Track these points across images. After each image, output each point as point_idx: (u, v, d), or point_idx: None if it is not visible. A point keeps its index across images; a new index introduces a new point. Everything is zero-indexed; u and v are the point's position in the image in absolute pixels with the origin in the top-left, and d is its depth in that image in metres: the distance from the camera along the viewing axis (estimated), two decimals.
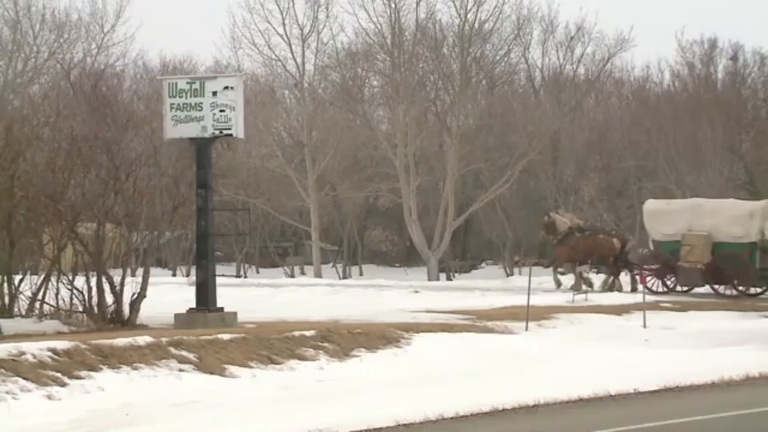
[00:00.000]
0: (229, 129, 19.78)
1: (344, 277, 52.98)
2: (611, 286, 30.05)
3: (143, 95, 46.51)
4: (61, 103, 23.54)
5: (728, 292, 28.76)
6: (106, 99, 22.28)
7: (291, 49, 49.29)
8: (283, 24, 49.01)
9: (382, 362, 16.85)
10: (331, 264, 58.97)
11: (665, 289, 29.15)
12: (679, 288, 29.25)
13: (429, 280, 44.61)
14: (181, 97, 19.83)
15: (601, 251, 30.18)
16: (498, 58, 51.34)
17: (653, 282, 29.17)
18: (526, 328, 20.86)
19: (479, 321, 21.27)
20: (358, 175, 53.07)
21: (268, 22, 49.14)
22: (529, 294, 22.12)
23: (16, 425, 12.15)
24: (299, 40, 49.20)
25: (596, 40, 54.94)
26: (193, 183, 20.48)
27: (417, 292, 30.02)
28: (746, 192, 50.41)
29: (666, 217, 29.94)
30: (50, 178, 20.38)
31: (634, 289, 28.95)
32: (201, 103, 19.72)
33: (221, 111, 19.68)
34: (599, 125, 53.84)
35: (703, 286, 28.49)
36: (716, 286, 28.83)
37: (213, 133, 19.79)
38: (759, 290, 29.05)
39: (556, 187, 51.23)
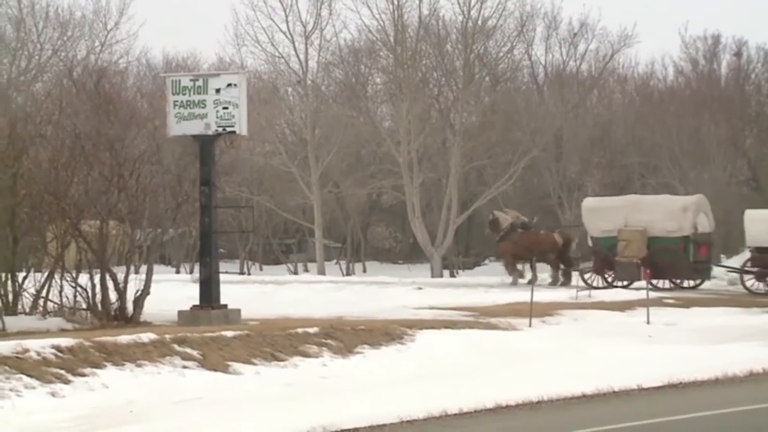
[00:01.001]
0: (233, 126, 19.79)
1: (347, 274, 53.01)
2: (558, 280, 30.86)
3: (146, 93, 46.51)
4: (64, 100, 23.51)
5: (664, 285, 29.31)
6: (109, 96, 22.25)
7: (294, 46, 49.35)
8: (287, 21, 49.06)
9: (386, 359, 16.86)
10: (334, 261, 59.02)
11: (605, 285, 29.59)
12: (617, 283, 29.66)
13: (432, 276, 44.62)
14: (184, 94, 19.84)
15: (542, 247, 30.89)
16: (501, 54, 51.32)
17: (592, 277, 29.81)
18: (530, 325, 20.86)
19: (482, 318, 21.27)
20: (362, 172, 53.08)
21: (271, 19, 49.20)
22: (532, 290, 22.12)
23: (20, 422, 12.18)
24: (302, 37, 49.23)
25: (599, 37, 54.92)
26: (196, 180, 20.49)
27: (420, 288, 30.03)
28: (749, 188, 50.43)
29: (604, 213, 30.48)
30: (53, 175, 20.39)
31: (566, 284, 30.13)
32: (204, 100, 19.73)
33: (224, 108, 19.69)
34: (603, 122, 53.82)
35: (640, 280, 28.76)
36: (653, 280, 29.05)
37: (216, 130, 19.81)
38: (694, 283, 29.63)
39: (560, 183, 51.22)
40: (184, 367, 14.97)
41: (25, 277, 20.48)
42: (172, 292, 24.69)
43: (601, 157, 52.14)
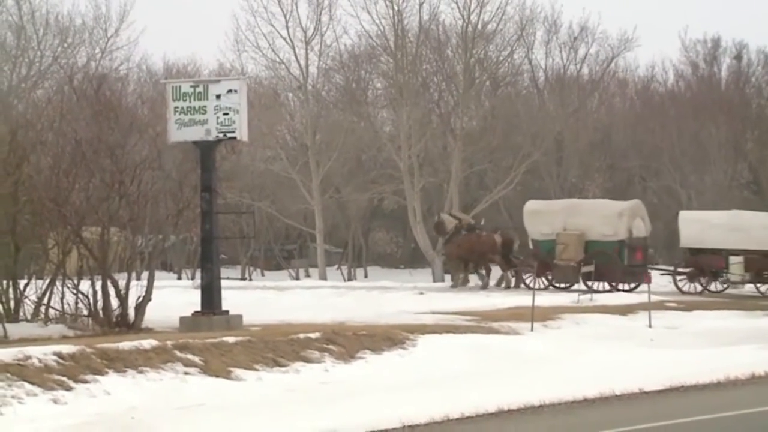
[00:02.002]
0: (233, 132, 19.81)
1: (349, 279, 52.98)
2: (500, 281, 31.59)
3: (147, 99, 46.47)
4: (64, 107, 23.51)
5: (601, 288, 29.85)
6: (109, 103, 22.25)
7: (294, 52, 49.36)
8: (287, 27, 49.07)
9: (388, 364, 16.86)
10: (335, 266, 58.98)
11: (544, 286, 30.16)
12: (556, 285, 30.39)
13: (434, 281, 44.60)
14: (184, 100, 19.87)
15: (482, 248, 31.62)
16: (501, 59, 51.30)
17: (533, 279, 30.30)
18: (532, 329, 20.85)
19: (484, 322, 21.27)
20: (362, 177, 53.07)
21: (272, 25, 49.21)
22: (534, 294, 22.12)
23: (22, 429, 12.17)
24: (302, 43, 49.24)
25: (600, 41, 54.91)
26: (197, 186, 20.50)
27: (422, 293, 30.03)
28: (750, 191, 50.41)
29: (544, 217, 31.26)
30: (54, 182, 20.41)
31: (511, 285, 30.97)
32: (205, 106, 19.75)
33: (225, 114, 19.71)
34: (603, 125, 53.81)
35: (577, 282, 29.58)
36: (589, 283, 29.98)
37: (217, 136, 19.82)
38: (630, 286, 29.84)
39: (561, 187, 51.21)
40: (186, 373, 14.96)
41: (26, 284, 20.48)
42: (173, 298, 24.71)
43: (602, 161, 52.12)
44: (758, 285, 29.23)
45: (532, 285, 29.94)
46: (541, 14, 54.30)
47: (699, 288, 29.71)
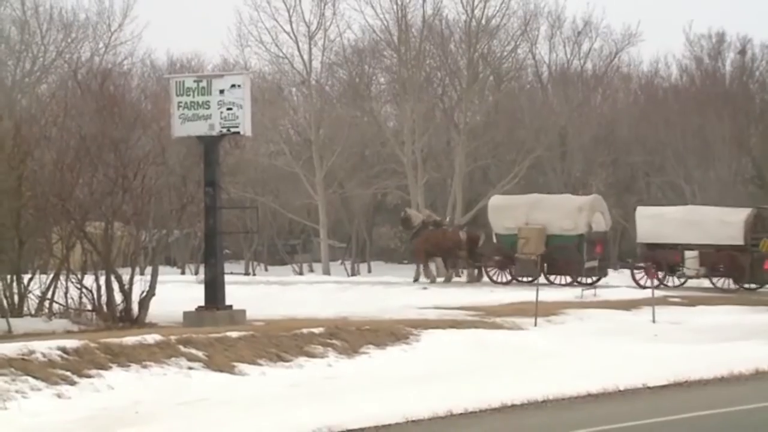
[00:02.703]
0: (237, 127, 19.81)
1: (352, 274, 52.99)
2: (465, 276, 32.22)
3: (151, 94, 46.49)
4: (68, 102, 23.56)
5: (562, 281, 30.34)
6: (113, 98, 22.26)
7: (298, 47, 49.33)
8: (290, 21, 49.06)
9: (391, 359, 16.87)
10: (339, 261, 58.99)
11: (507, 280, 30.83)
12: (518, 279, 30.86)
13: (437, 277, 44.52)
14: (188, 95, 19.87)
15: (447, 244, 32.17)
16: (505, 53, 51.26)
17: (496, 273, 31.16)
18: (535, 324, 20.85)
19: (487, 317, 21.27)
20: (366, 172, 53.06)
21: (275, 20, 49.20)
22: (537, 290, 22.11)
23: (26, 424, 12.19)
24: (306, 38, 49.23)
25: (603, 35, 54.83)
26: (201, 181, 20.51)
27: (425, 288, 30.03)
28: (754, 185, 50.35)
29: (507, 211, 31.79)
30: (58, 177, 20.43)
31: (477, 280, 31.49)
32: (208, 101, 19.76)
33: (228, 109, 19.71)
34: (607, 120, 53.74)
35: (538, 276, 29.79)
36: (551, 277, 30.69)
37: (220, 131, 19.83)
38: (590, 280, 30.22)
39: (564, 182, 51.15)
40: (190, 368, 14.98)
41: (30, 279, 20.51)
42: (177, 293, 24.71)
43: (606, 155, 52.07)
44: (713, 279, 29.52)
45: (495, 278, 31.05)
46: (544, 9, 54.28)
47: (656, 282, 29.92)
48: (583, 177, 51.83)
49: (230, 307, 20.10)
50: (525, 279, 30.53)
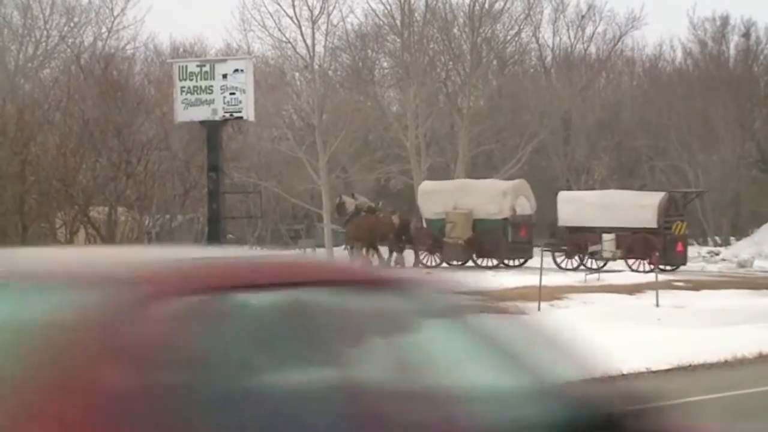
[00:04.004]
0: (240, 112, 19.82)
1: None
2: (396, 261, 32.15)
3: (154, 79, 46.52)
4: (71, 87, 23.57)
5: (489, 264, 31.39)
6: (116, 83, 22.28)
7: (301, 31, 49.22)
8: (293, 6, 48.92)
9: None
10: (343, 246, 59.00)
11: (436, 264, 31.63)
12: (448, 263, 31.60)
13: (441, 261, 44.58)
14: (191, 80, 19.87)
15: (381, 229, 32.64)
16: (509, 38, 51.14)
17: (426, 257, 31.93)
18: (539, 309, 20.85)
19: (490, 302, 21.24)
20: (369, 157, 53.02)
21: (278, 4, 49.05)
22: (541, 274, 22.11)
23: None
24: (309, 22, 49.10)
25: (607, 19, 54.67)
26: (204, 166, 20.55)
27: (429, 273, 30.08)
28: (758, 169, 50.29)
29: (436, 197, 32.63)
30: (62, 162, 20.47)
31: (416, 264, 31.75)
32: (211, 86, 19.75)
33: (231, 94, 19.71)
34: (610, 104, 53.64)
35: (466, 260, 30.90)
36: (478, 260, 31.72)
37: (223, 116, 19.83)
38: (517, 263, 31.43)
39: (568, 166, 51.12)
40: None
41: None
42: None
43: (609, 140, 51.98)
44: (628, 261, 30.04)
45: (425, 262, 31.89)
46: None
47: (575, 264, 30.75)
48: (586, 161, 51.76)
49: None
50: (454, 263, 31.37)
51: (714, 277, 28.93)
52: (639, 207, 30.13)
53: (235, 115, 19.93)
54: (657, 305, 21.95)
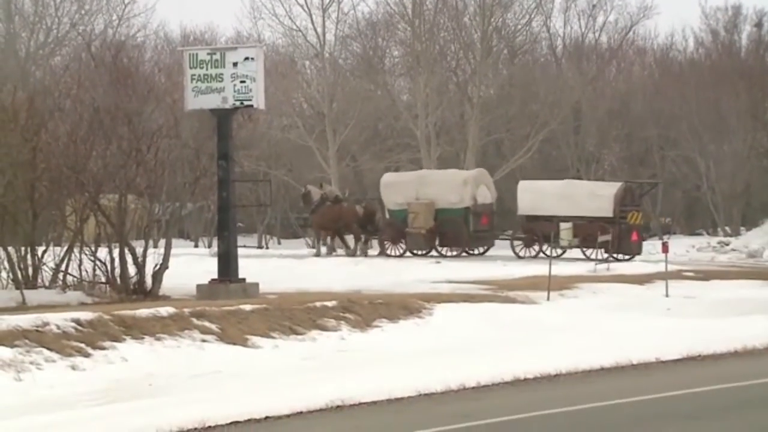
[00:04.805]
0: (250, 100, 19.78)
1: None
2: (357, 250, 32.65)
3: (164, 67, 46.46)
4: (82, 74, 23.54)
5: (451, 253, 31.59)
6: (127, 70, 22.24)
7: (312, 19, 49.14)
8: None
9: (404, 333, 16.88)
10: (352, 235, 58.89)
11: (400, 253, 31.84)
12: (411, 252, 31.98)
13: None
14: (201, 68, 19.84)
15: (345, 218, 33.09)
16: (519, 27, 50.98)
17: (389, 247, 32.27)
18: (548, 298, 20.84)
19: (501, 291, 21.26)
20: (379, 146, 52.97)
21: None
22: (550, 264, 22.09)
23: (40, 395, 12.26)
24: (320, 10, 49.04)
25: (619, 8, 54.60)
26: (214, 154, 20.52)
27: (438, 262, 30.05)
28: None
29: (398, 187, 33.18)
30: (72, 149, 20.47)
31: (381, 253, 32.15)
32: (221, 74, 19.72)
33: (242, 82, 19.67)
34: (621, 94, 53.47)
35: (429, 249, 31.41)
36: (441, 249, 32.01)
37: (233, 104, 19.80)
38: (479, 251, 32.09)
39: (578, 156, 51.02)
40: (203, 340, 15.02)
41: (44, 251, 20.58)
42: (190, 266, 24.78)
43: (620, 129, 51.82)
44: (584, 249, 30.41)
45: (389, 252, 32.20)
46: None
47: (533, 253, 31.10)
48: (596, 151, 51.65)
49: (243, 280, 20.14)
50: (417, 252, 31.85)
51: (724, 267, 28.85)
52: (596, 196, 30.76)
53: (246, 103, 19.89)
54: (666, 295, 21.92)
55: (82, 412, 11.52)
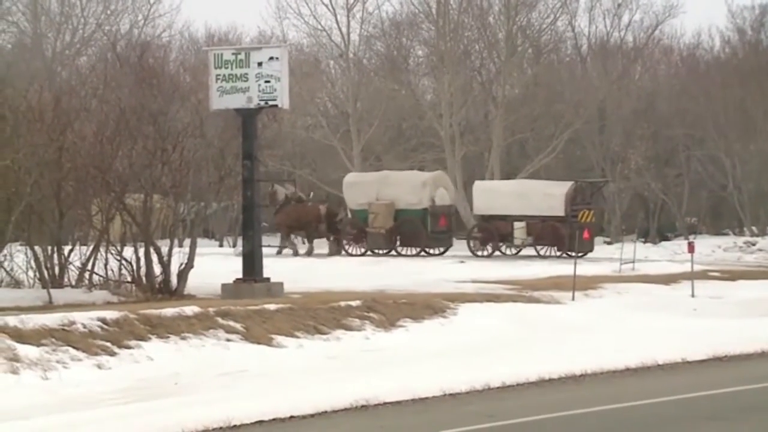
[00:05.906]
0: (275, 100, 19.81)
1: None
2: (312, 250, 33.57)
3: (189, 66, 46.61)
4: (108, 74, 23.68)
5: (409, 253, 32.35)
6: (152, 70, 22.34)
7: (336, 19, 49.18)
8: None
9: (428, 332, 16.88)
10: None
11: (362, 252, 32.46)
12: (372, 251, 32.55)
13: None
14: (226, 68, 19.88)
15: (307, 218, 33.90)
16: (544, 26, 50.76)
17: (351, 246, 32.89)
18: (573, 298, 20.77)
19: (525, 291, 21.21)
20: (403, 146, 52.92)
21: None
22: (575, 263, 22.02)
23: (67, 393, 12.33)
24: (344, 10, 49.07)
25: (644, 7, 54.12)
26: (239, 154, 20.55)
27: (462, 262, 30.02)
28: None
29: (360, 188, 33.88)
30: (98, 149, 20.56)
31: (338, 252, 32.96)
32: (246, 73, 19.75)
33: (266, 82, 19.70)
34: (647, 93, 53.20)
35: (388, 249, 32.11)
36: (401, 249, 32.55)
37: (258, 103, 19.84)
38: (438, 251, 32.53)
39: (603, 156, 50.79)
40: (228, 339, 15.07)
41: (70, 251, 20.69)
42: (215, 265, 24.84)
43: (645, 129, 51.52)
44: (538, 247, 31.02)
45: (351, 251, 32.81)
46: None
47: (488, 252, 31.69)
48: (621, 150, 51.41)
49: (268, 279, 20.18)
50: (378, 251, 32.42)
51: (750, 267, 28.66)
52: (548, 196, 31.28)
53: (270, 103, 19.91)
54: (692, 296, 21.80)
55: (108, 411, 11.58)
